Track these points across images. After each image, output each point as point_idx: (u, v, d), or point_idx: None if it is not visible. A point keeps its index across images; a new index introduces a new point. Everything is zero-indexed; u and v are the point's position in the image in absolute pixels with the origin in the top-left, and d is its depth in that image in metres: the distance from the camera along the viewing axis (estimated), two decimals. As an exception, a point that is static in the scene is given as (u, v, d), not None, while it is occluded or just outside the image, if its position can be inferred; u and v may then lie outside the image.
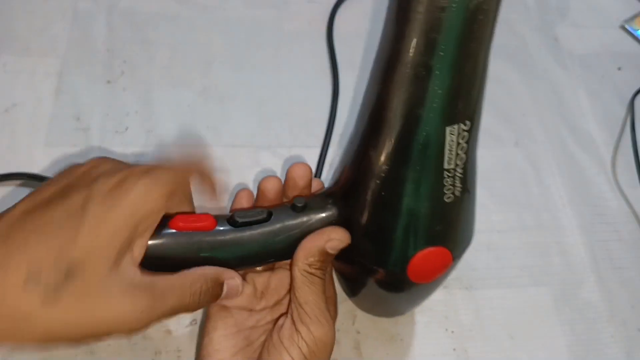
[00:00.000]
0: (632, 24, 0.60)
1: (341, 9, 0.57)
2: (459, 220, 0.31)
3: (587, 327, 0.43)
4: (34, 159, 0.45)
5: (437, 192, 0.29)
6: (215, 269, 0.30)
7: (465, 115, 0.27)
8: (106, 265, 0.24)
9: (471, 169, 0.30)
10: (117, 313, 0.25)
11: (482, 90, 0.27)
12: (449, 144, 0.27)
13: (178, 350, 0.39)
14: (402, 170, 0.28)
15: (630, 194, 0.49)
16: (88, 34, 0.53)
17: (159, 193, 0.27)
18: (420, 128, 0.27)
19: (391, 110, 0.27)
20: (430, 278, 0.32)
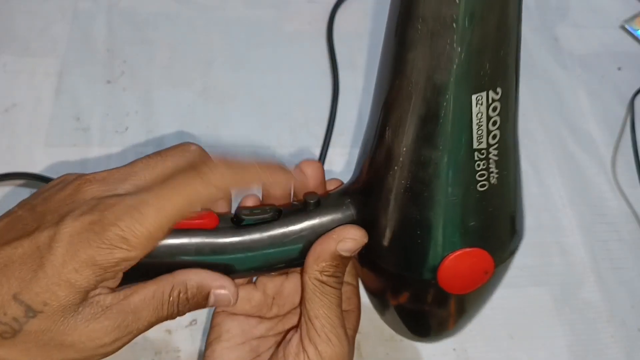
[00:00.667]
0: (632, 24, 0.60)
1: (341, 9, 0.57)
2: (499, 214, 0.26)
3: (587, 327, 0.43)
4: (34, 159, 0.45)
5: (468, 179, 0.24)
6: (201, 275, 0.26)
7: (495, 80, 0.22)
8: (69, 304, 0.23)
9: (510, 151, 0.25)
10: (86, 342, 0.23)
11: (515, 51, 0.23)
12: (476, 116, 0.23)
13: (178, 350, 0.39)
14: (423, 152, 0.24)
15: (630, 194, 0.49)
16: (88, 34, 0.53)
17: (136, 239, 0.23)
18: (439, 97, 0.22)
19: (405, 76, 0.23)
20: (468, 287, 0.27)
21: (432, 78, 0.22)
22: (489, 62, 0.22)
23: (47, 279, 0.22)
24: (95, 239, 0.23)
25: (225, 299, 0.26)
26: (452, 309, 0.29)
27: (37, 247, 0.23)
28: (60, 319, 0.23)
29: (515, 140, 0.26)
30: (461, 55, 0.21)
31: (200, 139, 0.48)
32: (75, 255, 0.23)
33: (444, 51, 0.21)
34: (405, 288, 0.28)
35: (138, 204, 0.23)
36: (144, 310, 0.24)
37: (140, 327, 0.24)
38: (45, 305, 0.22)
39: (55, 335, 0.23)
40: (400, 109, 0.24)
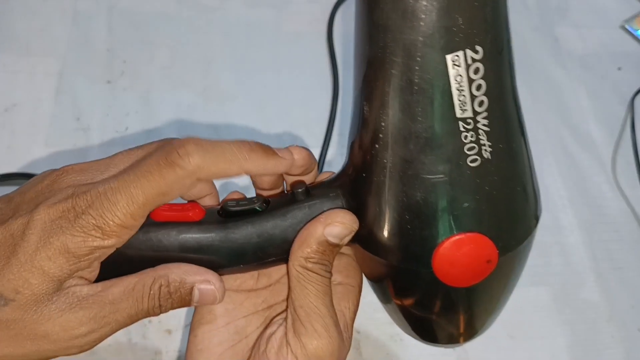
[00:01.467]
0: (632, 24, 0.60)
1: (341, 9, 0.57)
2: (498, 194, 0.23)
3: (587, 327, 0.43)
4: (34, 159, 0.45)
5: (455, 153, 0.22)
6: (184, 269, 0.24)
7: (472, 37, 0.20)
8: (43, 292, 0.22)
9: (506, 121, 0.23)
10: (60, 332, 0.22)
11: (499, 1, 0.21)
12: (455, 80, 0.20)
13: (178, 350, 0.39)
14: (402, 126, 0.22)
15: (630, 194, 0.49)
16: (88, 34, 0.53)
17: (110, 226, 0.22)
18: (410, 60, 0.20)
19: (374, 42, 0.21)
20: (468, 279, 0.24)
21: (400, 39, 0.20)
22: (461, 16, 0.20)
23: (19, 266, 0.22)
24: (68, 227, 0.22)
25: (211, 295, 0.24)
26: (455, 305, 0.26)
27: (11, 234, 0.22)
28: (32, 308, 0.22)
29: (512, 110, 0.23)
30: (427, 10, 0.19)
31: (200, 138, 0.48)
32: (48, 242, 0.22)
33: (408, 6, 0.20)
34: (402, 281, 0.26)
35: (107, 190, 0.23)
36: (122, 302, 0.23)
37: (119, 319, 0.23)
38: (17, 294, 0.22)
39: (28, 325, 0.22)
40: (374, 80, 0.22)
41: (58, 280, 0.22)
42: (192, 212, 0.25)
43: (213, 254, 0.25)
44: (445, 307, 0.26)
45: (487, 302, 0.26)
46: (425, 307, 0.27)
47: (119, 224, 0.22)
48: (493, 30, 0.21)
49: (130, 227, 0.23)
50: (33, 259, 0.22)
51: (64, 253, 0.22)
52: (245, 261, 0.26)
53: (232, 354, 0.28)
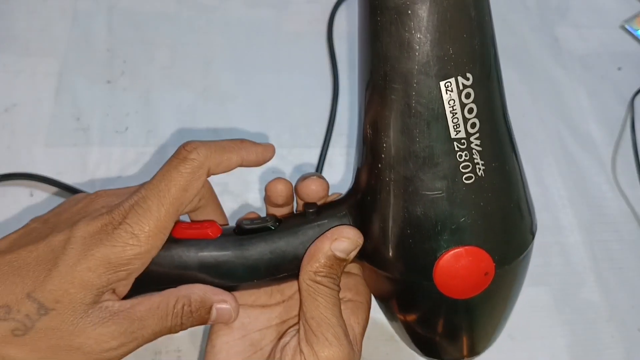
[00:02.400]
0: (632, 24, 0.60)
1: (341, 9, 0.57)
2: (493, 210, 0.25)
3: (587, 327, 0.43)
4: (34, 159, 0.45)
5: (451, 171, 0.23)
6: (204, 290, 0.27)
7: (462, 65, 0.22)
8: (80, 303, 0.24)
9: (498, 141, 0.24)
10: (93, 344, 0.24)
11: (483, 34, 0.23)
12: (448, 104, 0.22)
13: (178, 350, 0.39)
14: (402, 146, 0.24)
15: (630, 194, 0.49)
16: (88, 34, 0.53)
17: (145, 235, 0.25)
18: (407, 86, 0.22)
19: (374, 70, 0.23)
20: (467, 291, 0.25)
21: (398, 68, 0.22)
22: (452, 47, 0.22)
23: (60, 277, 0.23)
24: (108, 238, 0.24)
25: (227, 314, 0.27)
26: (456, 318, 0.27)
27: (52, 249, 0.24)
28: (70, 319, 0.23)
29: (503, 129, 0.25)
30: (421, 42, 0.22)
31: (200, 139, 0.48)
32: (89, 254, 0.24)
33: (404, 39, 0.22)
34: (406, 295, 0.27)
35: (139, 200, 0.25)
36: (149, 319, 0.25)
37: (145, 335, 0.25)
38: (57, 303, 0.23)
39: (65, 335, 0.23)
40: (376, 105, 0.24)
41: (96, 291, 0.24)
42: (210, 229, 0.27)
43: (229, 269, 0.27)
44: (447, 320, 0.27)
45: (487, 315, 0.28)
46: (428, 321, 0.28)
47: (154, 229, 0.25)
48: (481, 58, 0.23)
49: (163, 229, 0.25)
50: (74, 270, 0.23)
51: (104, 264, 0.24)
52: (258, 276, 0.28)
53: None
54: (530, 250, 0.27)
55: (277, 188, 0.30)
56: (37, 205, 0.43)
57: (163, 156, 0.47)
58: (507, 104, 0.25)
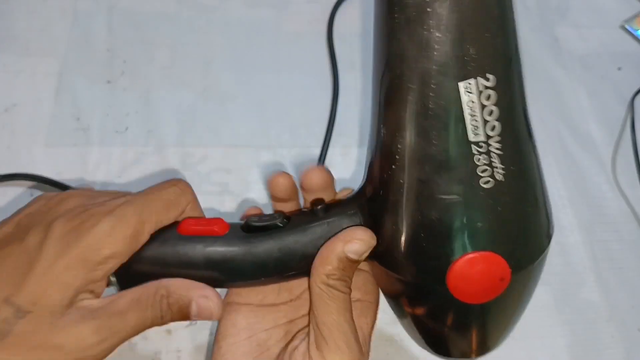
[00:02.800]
0: (632, 24, 0.60)
1: (341, 9, 0.57)
2: (511, 215, 0.24)
3: (587, 327, 0.43)
4: (34, 159, 0.45)
5: (469, 175, 0.23)
6: (185, 283, 0.26)
7: (483, 66, 0.21)
8: (59, 305, 0.23)
9: (517, 143, 0.24)
10: (74, 342, 0.23)
11: (506, 34, 0.22)
12: (468, 106, 0.22)
13: (178, 350, 0.39)
14: (418, 149, 0.23)
15: (630, 194, 0.49)
16: (88, 34, 0.53)
17: (122, 234, 0.25)
18: (425, 87, 0.22)
19: (391, 70, 0.22)
20: (481, 296, 0.25)
21: (416, 68, 0.22)
22: (473, 46, 0.21)
23: (37, 278, 0.23)
24: (85, 236, 0.24)
25: (207, 309, 0.26)
26: (469, 321, 0.27)
27: (27, 251, 0.24)
28: (48, 320, 0.23)
29: (524, 132, 0.24)
30: (440, 41, 0.21)
31: (200, 139, 0.48)
32: (65, 253, 0.24)
33: (423, 37, 0.21)
34: (418, 297, 0.27)
35: (121, 204, 0.25)
36: (129, 312, 0.25)
37: (127, 329, 0.25)
38: (34, 305, 0.23)
39: (44, 336, 0.23)
40: (391, 105, 0.23)
41: (74, 291, 0.24)
42: (217, 226, 0.27)
43: (236, 267, 0.26)
44: (459, 322, 0.27)
45: (500, 319, 0.27)
46: (439, 322, 0.27)
47: (130, 233, 0.25)
48: (503, 58, 0.22)
49: (139, 235, 0.25)
50: (51, 270, 0.23)
51: (81, 261, 0.24)
52: (266, 274, 0.27)
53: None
54: (546, 254, 0.26)
55: (279, 182, 0.29)
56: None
57: (163, 156, 0.47)
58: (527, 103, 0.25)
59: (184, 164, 0.47)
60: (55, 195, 0.27)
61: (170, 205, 0.27)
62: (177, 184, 0.28)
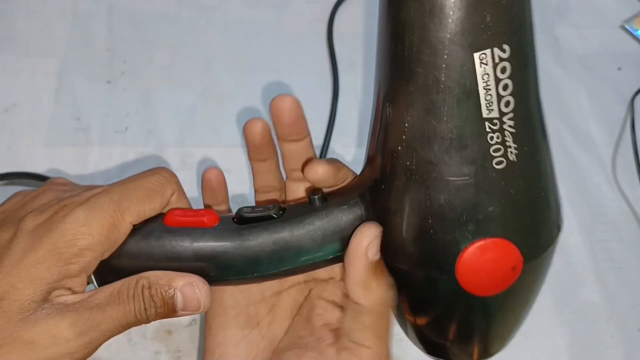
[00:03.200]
0: (632, 24, 0.60)
1: (341, 9, 0.57)
2: (523, 198, 0.22)
3: (587, 327, 0.43)
4: (34, 159, 0.45)
5: (481, 155, 0.21)
6: (167, 273, 0.24)
7: (500, 35, 0.20)
8: (30, 300, 0.22)
9: (531, 123, 0.22)
10: (47, 337, 0.21)
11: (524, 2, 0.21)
12: (482, 78, 0.20)
13: (178, 350, 0.39)
14: (427, 126, 0.21)
15: (630, 194, 0.49)
16: (88, 34, 0.53)
17: (98, 224, 0.23)
18: (437, 58, 0.20)
19: (399, 40, 0.21)
20: (491, 287, 0.23)
21: (427, 37, 0.20)
22: (490, 13, 0.20)
23: (4, 273, 0.22)
24: (58, 227, 0.22)
25: (194, 298, 0.24)
26: (476, 317, 0.25)
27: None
28: (18, 315, 0.21)
29: (537, 111, 0.22)
30: (455, 6, 0.19)
31: (200, 139, 0.48)
32: (36, 246, 0.22)
33: (437, 3, 0.19)
34: (422, 291, 0.25)
35: (96, 194, 0.24)
36: (109, 305, 0.23)
37: (108, 323, 0.23)
38: (2, 300, 0.21)
39: (13, 332, 0.21)
40: (398, 80, 0.22)
41: (47, 286, 0.22)
42: (207, 217, 0.25)
43: (228, 261, 0.25)
44: (466, 319, 0.25)
45: (509, 315, 0.26)
46: (444, 320, 0.26)
47: (107, 225, 0.23)
48: (520, 30, 0.21)
49: (119, 225, 0.23)
50: (20, 264, 0.22)
51: (53, 254, 0.22)
52: (260, 270, 0.25)
53: (247, 344, 0.28)
54: (556, 245, 0.25)
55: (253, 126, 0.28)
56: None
57: (163, 156, 0.47)
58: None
59: (183, 163, 0.47)
60: (31, 192, 0.26)
61: (153, 193, 0.24)
62: (159, 172, 0.25)
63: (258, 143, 0.28)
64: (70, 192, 0.25)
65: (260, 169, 0.30)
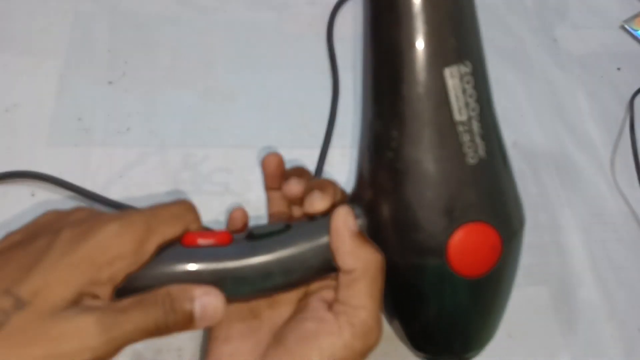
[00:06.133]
0: (631, 24, 0.60)
1: (341, 11, 0.57)
2: (495, 187, 0.27)
3: (586, 327, 0.43)
4: (35, 159, 0.45)
5: (456, 152, 0.26)
6: (186, 285, 0.26)
7: (462, 54, 0.25)
8: (60, 298, 0.23)
9: (491, 125, 0.27)
10: (74, 332, 0.23)
11: (476, 27, 0.26)
12: (452, 89, 0.25)
13: (178, 349, 0.39)
14: (412, 131, 0.26)
15: (629, 194, 0.49)
16: (89, 35, 0.53)
17: (130, 237, 0.25)
18: (415, 74, 0.25)
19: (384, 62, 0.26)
20: (478, 267, 0.27)
21: (406, 59, 0.25)
22: (455, 37, 0.25)
23: (41, 272, 0.23)
24: (93, 236, 0.24)
25: (212, 308, 0.26)
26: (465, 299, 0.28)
27: (35, 251, 0.24)
28: (48, 312, 0.23)
29: (495, 115, 0.27)
30: (430, 34, 0.25)
31: (201, 140, 0.48)
32: (72, 252, 0.24)
33: (413, 31, 0.25)
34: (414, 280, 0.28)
35: (127, 214, 0.26)
36: (132, 311, 0.24)
37: (131, 325, 0.24)
38: (35, 296, 0.23)
39: (42, 326, 0.23)
40: (385, 97, 0.26)
41: (77, 288, 0.24)
42: (221, 237, 0.28)
43: (241, 275, 0.27)
44: (453, 304, 0.28)
45: (491, 298, 0.29)
46: (433, 308, 0.29)
47: (137, 239, 0.25)
48: (475, 48, 0.26)
49: (146, 242, 0.26)
50: (56, 266, 0.24)
51: (87, 259, 0.24)
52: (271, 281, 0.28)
53: (250, 330, 0.30)
54: (523, 233, 0.29)
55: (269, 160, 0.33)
56: (38, 205, 0.43)
57: (165, 156, 0.47)
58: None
59: (185, 164, 0.47)
60: (62, 211, 0.28)
61: (176, 219, 0.27)
62: (183, 202, 0.29)
63: (273, 172, 0.34)
64: (101, 212, 0.27)
65: (273, 196, 0.35)
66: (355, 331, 0.27)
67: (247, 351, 0.29)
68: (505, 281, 0.29)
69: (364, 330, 0.27)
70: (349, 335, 0.27)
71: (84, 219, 0.26)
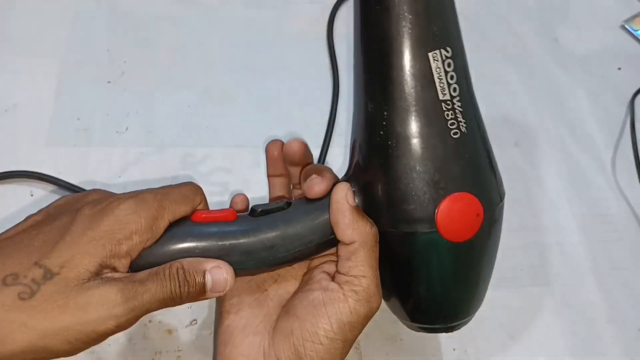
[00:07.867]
0: (632, 24, 0.60)
1: (341, 10, 0.57)
2: (476, 160, 0.30)
3: (587, 327, 0.43)
4: (35, 159, 0.45)
5: (442, 128, 0.29)
6: (197, 259, 0.28)
7: (443, 40, 0.28)
8: (85, 269, 0.25)
9: (471, 104, 0.30)
10: (99, 301, 0.25)
11: (454, 17, 0.29)
12: (436, 71, 0.28)
13: (178, 350, 0.39)
14: (401, 112, 0.29)
15: (630, 194, 0.49)
16: (89, 35, 0.53)
17: (145, 213, 0.27)
18: (402, 59, 0.28)
19: (373, 50, 0.29)
20: (464, 233, 0.30)
21: (395, 45, 0.28)
22: (436, 25, 0.28)
23: (66, 246, 0.25)
24: (113, 213, 0.27)
25: (221, 278, 0.28)
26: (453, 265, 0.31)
27: (58, 228, 0.26)
28: (74, 282, 0.25)
29: (473, 96, 0.30)
30: (413, 22, 0.28)
31: (200, 140, 0.48)
32: (94, 227, 0.26)
33: (400, 21, 0.28)
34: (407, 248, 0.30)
35: (141, 193, 0.28)
36: (148, 281, 0.26)
37: (149, 295, 0.26)
38: (62, 268, 0.25)
39: (70, 296, 0.25)
40: (376, 81, 0.29)
41: (100, 259, 0.26)
42: (227, 213, 0.30)
43: (246, 247, 0.29)
44: (443, 267, 0.31)
45: (477, 261, 0.32)
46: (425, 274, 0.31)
47: (151, 216, 0.27)
48: (455, 35, 0.30)
49: (159, 219, 0.28)
50: (80, 240, 0.26)
51: (108, 233, 0.26)
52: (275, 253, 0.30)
53: (258, 303, 0.32)
54: (502, 206, 0.32)
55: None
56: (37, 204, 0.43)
57: (163, 156, 0.47)
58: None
59: (184, 164, 0.47)
60: (79, 194, 0.30)
61: (186, 199, 0.30)
62: (191, 184, 0.31)
63: (276, 157, 0.35)
64: (115, 193, 0.29)
65: (274, 183, 0.37)
66: (359, 297, 0.29)
67: (258, 322, 0.31)
68: (487, 247, 0.32)
69: (366, 296, 0.29)
70: (354, 302, 0.29)
71: (100, 199, 0.28)
